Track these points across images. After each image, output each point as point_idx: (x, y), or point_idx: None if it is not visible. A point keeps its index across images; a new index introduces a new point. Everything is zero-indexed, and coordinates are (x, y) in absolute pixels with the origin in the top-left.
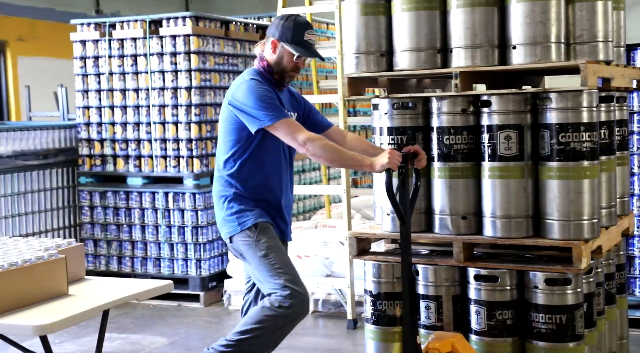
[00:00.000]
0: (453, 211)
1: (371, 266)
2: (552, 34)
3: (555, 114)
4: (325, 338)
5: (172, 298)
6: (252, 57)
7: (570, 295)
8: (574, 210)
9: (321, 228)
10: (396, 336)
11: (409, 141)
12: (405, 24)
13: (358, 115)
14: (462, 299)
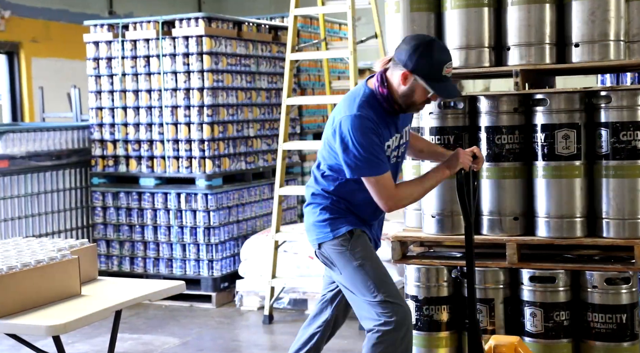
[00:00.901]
0: (504, 212)
1: (415, 271)
2: (612, 32)
3: (614, 112)
4: (337, 339)
5: (184, 299)
6: (263, 57)
7: (629, 294)
8: (629, 209)
9: None
10: (443, 341)
11: (457, 141)
12: (457, 21)
13: None
14: (513, 301)
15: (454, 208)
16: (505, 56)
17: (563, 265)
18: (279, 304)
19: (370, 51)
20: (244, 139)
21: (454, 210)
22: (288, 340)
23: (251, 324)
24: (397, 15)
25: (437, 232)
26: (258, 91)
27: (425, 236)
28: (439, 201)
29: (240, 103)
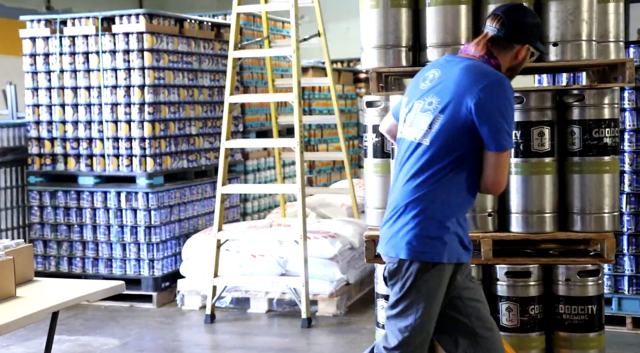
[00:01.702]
0: (477, 208)
1: None
2: (584, 33)
3: (587, 110)
4: (279, 338)
5: (125, 299)
6: (206, 55)
7: (597, 286)
8: (598, 204)
9: (276, 227)
10: None
11: None
12: (434, 18)
13: (314, 114)
14: (488, 297)
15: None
16: None
17: (537, 259)
18: (221, 303)
19: (313, 50)
20: (186, 137)
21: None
22: (230, 339)
23: (193, 324)
24: (374, 11)
25: None
26: (200, 89)
27: None
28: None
29: (182, 101)
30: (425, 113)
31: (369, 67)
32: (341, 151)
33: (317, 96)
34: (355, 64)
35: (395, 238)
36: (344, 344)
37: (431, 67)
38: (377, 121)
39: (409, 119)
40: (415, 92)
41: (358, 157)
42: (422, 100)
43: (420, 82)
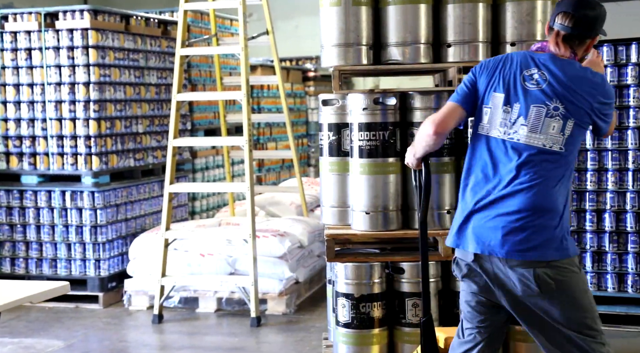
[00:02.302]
0: (437, 205)
1: (352, 269)
2: (538, 33)
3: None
4: (228, 337)
5: (70, 300)
6: (152, 52)
7: None
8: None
9: (225, 225)
10: (375, 338)
11: (391, 137)
12: (394, 16)
13: (263, 112)
14: (446, 293)
15: (385, 204)
16: (444, 52)
17: None
18: (169, 303)
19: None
20: (133, 136)
21: (385, 206)
22: (178, 339)
23: (140, 324)
24: (334, 9)
25: (369, 228)
26: (147, 87)
27: (361, 233)
28: (370, 198)
29: (128, 99)
30: (554, 119)
31: (330, 65)
32: (290, 149)
33: (266, 94)
34: (304, 62)
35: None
36: (293, 342)
37: (528, 66)
38: (333, 120)
39: (530, 123)
40: (521, 92)
41: (307, 155)
42: (544, 105)
43: (524, 82)
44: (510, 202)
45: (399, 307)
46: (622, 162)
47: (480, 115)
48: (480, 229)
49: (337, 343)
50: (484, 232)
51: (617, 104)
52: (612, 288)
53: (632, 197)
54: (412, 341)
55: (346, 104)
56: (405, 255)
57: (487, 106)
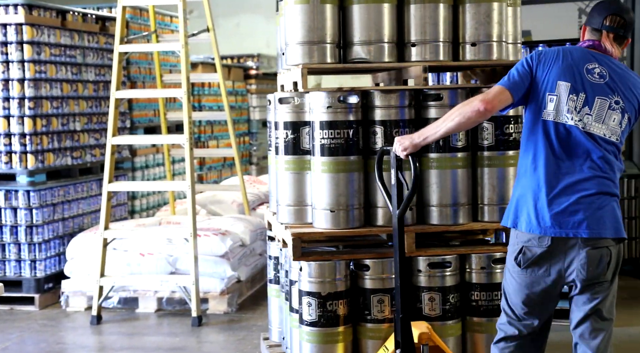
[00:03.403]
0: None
1: (319, 267)
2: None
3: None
4: (169, 337)
5: (4, 302)
6: (90, 48)
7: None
8: (505, 196)
9: (165, 224)
10: (341, 336)
11: (355, 135)
12: (358, 15)
13: (204, 110)
14: (410, 288)
15: (349, 202)
16: (408, 51)
17: (456, 249)
18: (108, 304)
19: (203, 45)
20: (70, 133)
21: (349, 204)
22: (117, 340)
23: (78, 325)
24: (299, 7)
25: (333, 226)
26: (85, 84)
27: (328, 231)
28: (334, 196)
29: (65, 96)
30: (615, 112)
31: (295, 63)
32: (232, 147)
33: (207, 92)
34: (246, 60)
35: (617, 220)
36: (234, 341)
37: (589, 60)
38: (290, 118)
39: (594, 112)
40: (587, 84)
41: (249, 154)
42: (607, 98)
43: (587, 75)
44: (586, 185)
45: (363, 304)
46: None
47: (543, 102)
48: (565, 214)
49: (300, 342)
50: (571, 216)
51: None
52: None
53: None
54: (376, 337)
55: (304, 102)
56: (368, 252)
57: (553, 94)
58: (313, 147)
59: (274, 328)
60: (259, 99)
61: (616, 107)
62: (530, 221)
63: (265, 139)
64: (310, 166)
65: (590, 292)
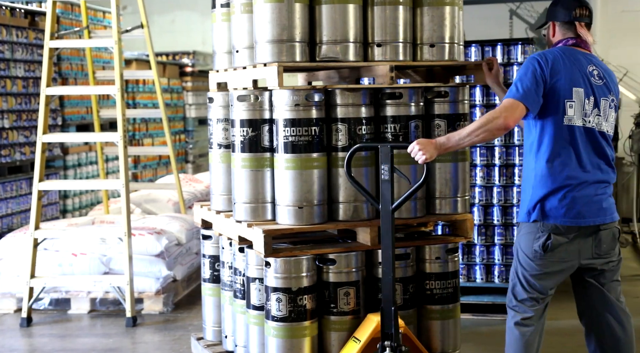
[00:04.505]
0: (353, 199)
1: (288, 263)
2: (455, 36)
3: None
4: (102, 338)
5: None
6: (19, 44)
7: (457, 262)
8: (462, 188)
9: (99, 224)
10: (307, 330)
11: (320, 132)
12: (324, 15)
13: (138, 107)
14: (370, 281)
15: (316, 198)
16: (373, 51)
17: (413, 242)
18: (39, 305)
19: (137, 41)
20: None
21: (315, 200)
22: (49, 342)
23: (7, 328)
24: (269, 5)
25: (299, 223)
26: (13, 80)
27: (298, 227)
28: (301, 193)
29: None
30: (612, 109)
31: (264, 61)
32: (167, 145)
33: (141, 89)
34: (182, 57)
35: (612, 207)
36: (169, 341)
37: (588, 63)
38: (249, 116)
39: (602, 112)
40: (593, 87)
41: (185, 152)
42: (607, 97)
43: (590, 77)
44: (601, 178)
45: (329, 297)
46: (489, 158)
47: (563, 108)
48: (587, 205)
49: (266, 337)
50: (590, 206)
51: (485, 102)
52: (480, 279)
53: (498, 191)
54: (341, 329)
55: (265, 100)
56: (334, 247)
57: (571, 100)
58: (277, 145)
59: (209, 327)
60: (195, 96)
61: (612, 105)
62: (561, 213)
63: (201, 137)
64: (269, 164)
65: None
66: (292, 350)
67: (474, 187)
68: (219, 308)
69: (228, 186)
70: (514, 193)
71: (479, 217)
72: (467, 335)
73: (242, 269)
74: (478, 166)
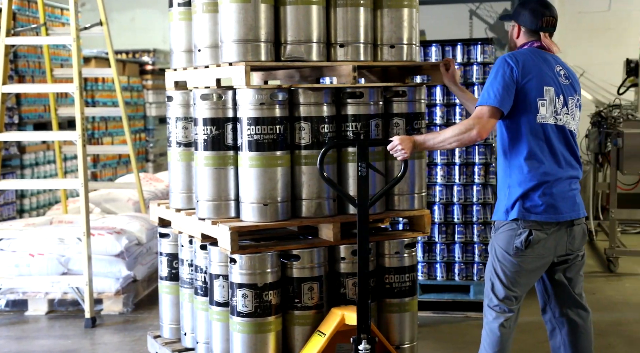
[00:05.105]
0: (316, 196)
1: (253, 260)
2: (411, 37)
3: (407, 104)
4: (60, 340)
5: None
6: None
7: (413, 257)
8: (419, 184)
9: (57, 224)
10: (272, 325)
11: (285, 131)
12: (289, 16)
13: (98, 106)
14: (333, 275)
15: (281, 195)
16: (335, 51)
17: (374, 237)
18: None
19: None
20: None
21: (280, 198)
22: (4, 344)
23: None
24: (235, 5)
25: (264, 220)
26: None
27: (263, 224)
28: (266, 190)
29: None
30: (577, 108)
31: (230, 60)
32: (127, 144)
33: (100, 87)
34: (142, 55)
35: (582, 202)
36: (129, 342)
37: (555, 63)
38: (212, 114)
39: (570, 111)
40: (561, 86)
41: (145, 150)
42: (573, 97)
43: (558, 77)
44: (572, 173)
45: (293, 292)
46: (449, 157)
47: (535, 107)
48: (563, 200)
49: (231, 333)
50: (566, 201)
51: (445, 101)
52: (440, 276)
53: (458, 190)
54: (304, 323)
55: (228, 99)
56: (298, 243)
57: (543, 99)
58: (241, 143)
59: (166, 325)
60: (156, 95)
61: (577, 105)
62: (541, 209)
63: (162, 136)
64: (233, 162)
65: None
66: (257, 345)
67: (434, 186)
68: (176, 306)
69: (187, 184)
70: (474, 191)
71: (439, 215)
72: (427, 332)
73: (203, 266)
74: (438, 164)
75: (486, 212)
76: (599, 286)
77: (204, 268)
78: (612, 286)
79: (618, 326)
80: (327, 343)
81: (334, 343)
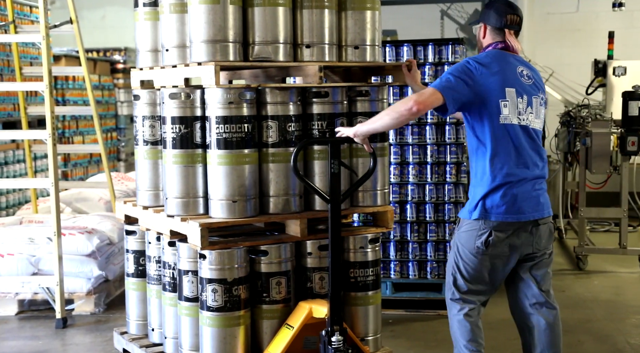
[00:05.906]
0: (283, 192)
1: (223, 255)
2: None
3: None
4: (31, 340)
5: None
6: None
7: (377, 252)
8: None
9: (27, 223)
10: (242, 319)
11: (253, 130)
12: (256, 17)
13: (68, 104)
14: (300, 270)
15: (249, 192)
16: (302, 52)
17: (344, 232)
18: None
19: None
20: None
21: (248, 194)
22: None
23: None
24: (204, 6)
25: (233, 216)
26: None
27: (232, 220)
28: (235, 187)
29: None
30: (542, 107)
31: (199, 60)
32: (98, 143)
33: (71, 85)
34: (113, 54)
35: (548, 202)
36: (101, 343)
37: (518, 63)
38: (177, 113)
39: (534, 110)
40: (524, 86)
41: (117, 149)
42: (537, 95)
43: (520, 78)
44: (537, 173)
45: (262, 287)
46: (421, 156)
47: (498, 108)
48: (526, 200)
49: (201, 327)
50: (529, 202)
51: None
52: (413, 275)
53: (430, 189)
54: (272, 317)
55: (196, 98)
56: (266, 239)
57: (505, 100)
58: (210, 141)
59: (132, 321)
60: (127, 93)
61: (542, 103)
62: (502, 210)
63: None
64: (201, 159)
65: (542, 258)
66: (226, 338)
67: (407, 185)
68: (143, 303)
69: (155, 182)
70: (446, 190)
71: (411, 214)
72: (400, 330)
73: (172, 262)
74: (411, 164)
75: (458, 211)
76: (568, 283)
77: (172, 264)
78: (581, 284)
79: (587, 323)
80: (295, 336)
81: (302, 336)
